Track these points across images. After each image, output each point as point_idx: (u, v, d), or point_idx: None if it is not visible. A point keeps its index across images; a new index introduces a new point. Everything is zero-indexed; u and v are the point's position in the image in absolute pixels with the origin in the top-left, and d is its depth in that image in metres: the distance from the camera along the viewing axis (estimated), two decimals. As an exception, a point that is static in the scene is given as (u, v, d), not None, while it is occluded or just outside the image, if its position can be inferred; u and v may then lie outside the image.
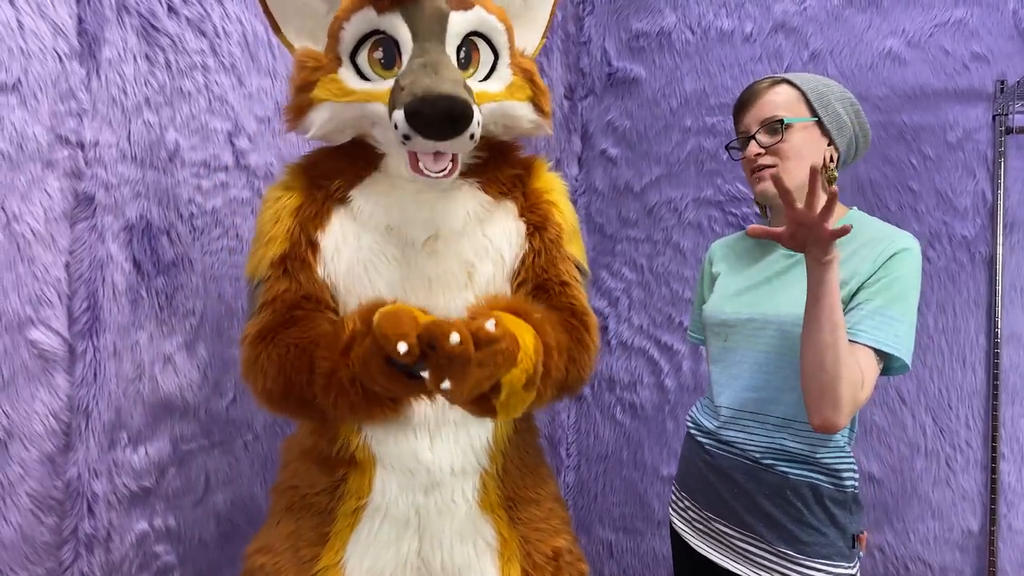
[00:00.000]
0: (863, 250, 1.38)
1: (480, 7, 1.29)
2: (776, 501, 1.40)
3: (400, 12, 1.24)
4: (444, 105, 1.14)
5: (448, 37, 1.26)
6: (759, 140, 1.44)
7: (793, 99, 1.44)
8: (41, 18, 1.37)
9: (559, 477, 2.60)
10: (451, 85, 1.17)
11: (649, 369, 2.51)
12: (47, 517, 1.43)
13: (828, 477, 1.39)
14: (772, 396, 1.41)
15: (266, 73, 1.86)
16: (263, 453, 1.91)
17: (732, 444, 1.46)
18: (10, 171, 1.33)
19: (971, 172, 2.11)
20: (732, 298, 1.51)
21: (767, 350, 1.42)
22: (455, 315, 1.30)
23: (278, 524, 1.43)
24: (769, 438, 1.41)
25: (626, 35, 2.53)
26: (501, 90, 1.33)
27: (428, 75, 1.19)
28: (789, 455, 1.40)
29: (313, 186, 1.37)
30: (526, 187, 1.42)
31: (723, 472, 1.47)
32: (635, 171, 2.52)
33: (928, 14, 2.15)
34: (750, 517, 1.42)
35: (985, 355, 2.11)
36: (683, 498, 1.59)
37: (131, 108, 1.54)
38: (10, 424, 1.35)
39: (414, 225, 1.33)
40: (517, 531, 1.42)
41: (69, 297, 1.44)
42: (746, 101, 1.49)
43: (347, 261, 1.33)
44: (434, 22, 1.25)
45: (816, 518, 1.38)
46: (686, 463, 1.60)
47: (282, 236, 1.33)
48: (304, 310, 1.32)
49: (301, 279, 1.32)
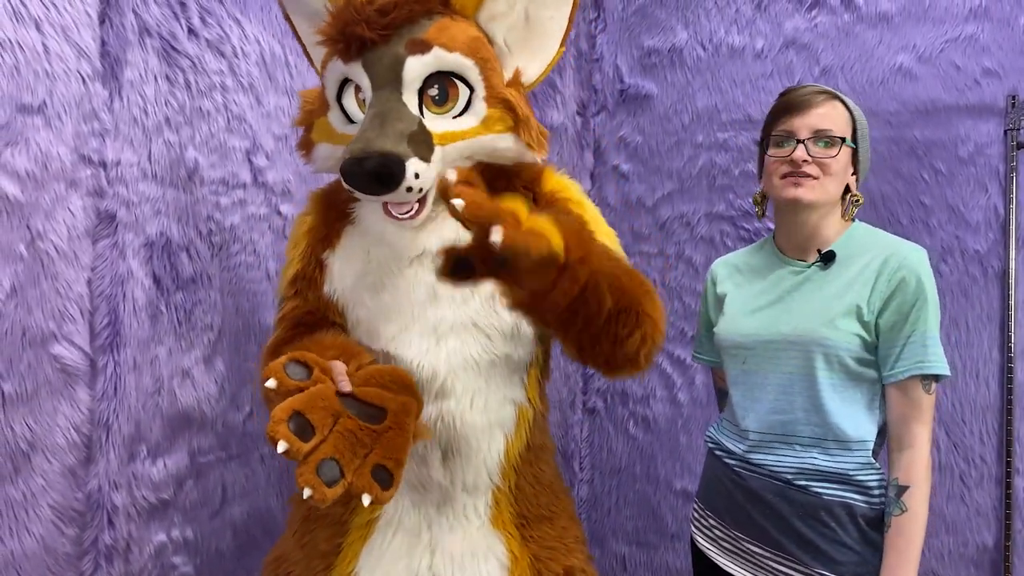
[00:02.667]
0: (874, 264, 1.39)
1: (439, 48, 1.28)
2: (809, 522, 1.38)
3: (361, 60, 1.28)
4: (371, 165, 1.17)
5: (405, 84, 1.27)
6: (808, 148, 1.40)
7: (844, 120, 1.44)
8: (65, 41, 1.41)
9: (572, 491, 2.61)
10: (391, 141, 1.19)
11: (662, 383, 2.52)
12: (68, 528, 1.46)
13: (862, 496, 1.38)
14: (799, 417, 1.40)
15: (283, 92, 1.89)
16: (280, 466, 1.93)
17: (762, 466, 1.44)
18: (35, 190, 1.36)
19: (983, 187, 2.11)
20: (746, 319, 1.50)
21: (790, 371, 1.41)
22: (462, 324, 1.33)
23: (294, 534, 1.46)
24: (799, 458, 1.40)
25: (638, 52, 2.56)
26: (474, 125, 1.33)
27: (373, 128, 1.21)
28: (822, 474, 1.38)
29: (328, 208, 1.45)
30: (537, 194, 1.43)
31: (754, 493, 1.45)
32: (647, 186, 2.54)
33: (939, 30, 2.16)
34: (783, 538, 1.40)
35: (999, 369, 2.10)
36: (708, 516, 1.56)
37: (152, 128, 1.58)
38: (33, 437, 1.38)
39: (418, 241, 1.35)
40: (528, 549, 1.42)
41: (91, 313, 1.48)
42: (799, 105, 1.43)
43: (353, 277, 1.38)
44: (389, 70, 1.26)
45: (851, 537, 1.37)
46: (711, 482, 1.58)
47: (297, 258, 1.42)
48: (306, 325, 1.39)
49: (308, 296, 1.41)
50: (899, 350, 1.35)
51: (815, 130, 1.41)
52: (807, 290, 1.44)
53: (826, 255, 1.44)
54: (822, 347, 1.37)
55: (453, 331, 1.33)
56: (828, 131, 1.40)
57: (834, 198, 1.44)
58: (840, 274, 1.42)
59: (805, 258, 1.48)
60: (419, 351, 1.33)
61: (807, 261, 1.47)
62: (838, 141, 1.40)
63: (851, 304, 1.37)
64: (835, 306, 1.38)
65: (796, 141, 1.41)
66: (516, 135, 1.35)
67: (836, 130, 1.41)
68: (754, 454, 1.45)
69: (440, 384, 1.32)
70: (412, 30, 1.27)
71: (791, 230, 1.49)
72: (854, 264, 1.41)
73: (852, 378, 1.39)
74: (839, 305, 1.38)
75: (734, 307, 1.54)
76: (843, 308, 1.37)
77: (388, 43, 1.26)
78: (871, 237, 1.45)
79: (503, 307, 1.19)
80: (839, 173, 1.42)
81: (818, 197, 1.41)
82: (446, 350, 1.33)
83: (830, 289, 1.41)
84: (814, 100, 1.43)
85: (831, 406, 1.38)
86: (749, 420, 1.47)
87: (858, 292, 1.38)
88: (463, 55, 1.30)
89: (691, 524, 1.63)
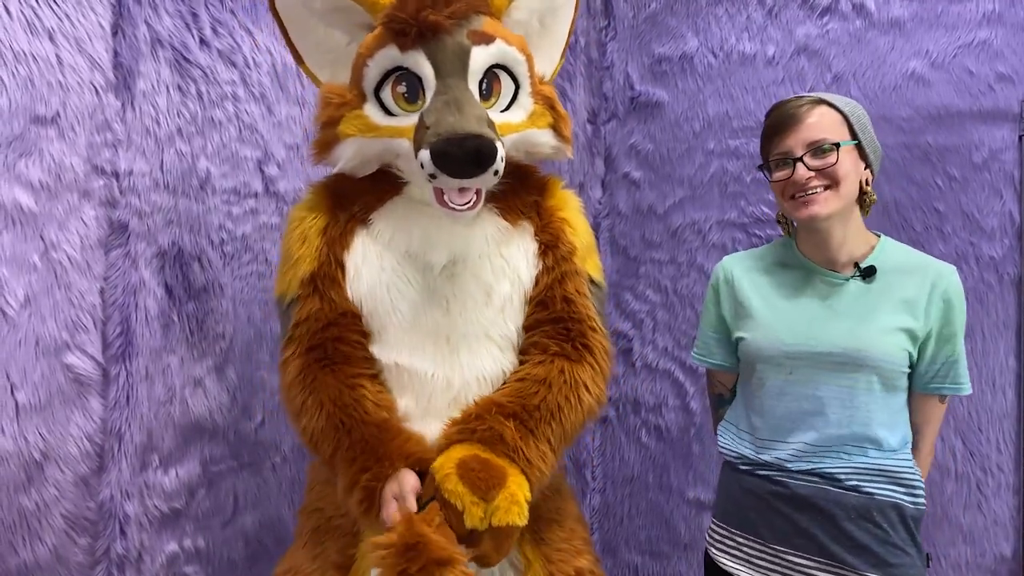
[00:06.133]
0: (923, 288, 1.41)
1: (501, 40, 1.31)
2: (862, 524, 1.38)
3: (423, 49, 1.27)
4: (471, 145, 1.18)
5: (470, 73, 1.29)
6: (807, 163, 1.39)
7: (836, 122, 1.42)
8: (79, 53, 1.42)
9: (584, 500, 2.60)
10: (475, 123, 1.21)
11: (674, 391, 2.50)
12: (81, 537, 1.46)
13: (909, 495, 1.39)
14: (850, 428, 1.40)
15: (295, 102, 1.90)
16: (291, 475, 1.93)
17: (810, 472, 1.42)
18: (48, 201, 1.37)
19: (998, 193, 2.09)
20: (789, 329, 1.46)
21: (840, 384, 1.41)
22: (472, 335, 1.34)
23: (304, 546, 1.45)
24: (850, 462, 1.40)
25: (648, 59, 2.55)
26: (523, 119, 1.36)
27: (452, 113, 1.22)
28: (871, 472, 1.39)
29: (337, 207, 1.40)
30: (540, 207, 1.44)
31: (802, 501, 1.42)
32: (658, 193, 2.53)
33: (951, 35, 2.15)
34: (835, 545, 1.39)
35: (1015, 377, 2.08)
36: (734, 534, 1.52)
37: (164, 138, 1.59)
38: (46, 446, 1.39)
39: (433, 250, 1.35)
40: (540, 552, 1.42)
41: (103, 322, 1.48)
42: (784, 123, 1.43)
43: (368, 282, 1.36)
44: (456, 58, 1.27)
45: (900, 538, 1.38)
46: (736, 498, 1.53)
47: (311, 255, 1.36)
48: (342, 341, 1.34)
49: (333, 297, 1.35)
50: (938, 368, 1.43)
51: (808, 143, 1.40)
52: (851, 303, 1.43)
53: (867, 270, 1.44)
54: (876, 362, 1.38)
55: (466, 342, 1.34)
56: (822, 140, 1.39)
57: (849, 201, 1.42)
58: (883, 290, 1.43)
59: (837, 269, 1.47)
60: (433, 362, 1.33)
61: (840, 272, 1.46)
62: (833, 147, 1.39)
63: (903, 325, 1.40)
64: (885, 323, 1.40)
65: (793, 161, 1.41)
66: (555, 131, 1.39)
67: (830, 135, 1.40)
68: (801, 462, 1.43)
69: (454, 395, 1.33)
70: (471, 23, 1.30)
71: (817, 243, 1.47)
72: (898, 283, 1.42)
73: (892, 388, 1.42)
74: (890, 323, 1.40)
75: (768, 314, 1.50)
76: (895, 327, 1.40)
77: (452, 33, 1.27)
78: (904, 255, 1.47)
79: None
80: (847, 175, 1.40)
81: (833, 208, 1.40)
82: (460, 361, 1.34)
83: (878, 305, 1.42)
84: (799, 113, 1.42)
85: (879, 416, 1.40)
86: (797, 431, 1.44)
87: (911, 314, 1.40)
88: (518, 50, 1.34)
89: (709, 545, 1.58)
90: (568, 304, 1.38)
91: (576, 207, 1.49)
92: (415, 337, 1.34)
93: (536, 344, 1.37)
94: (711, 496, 2.39)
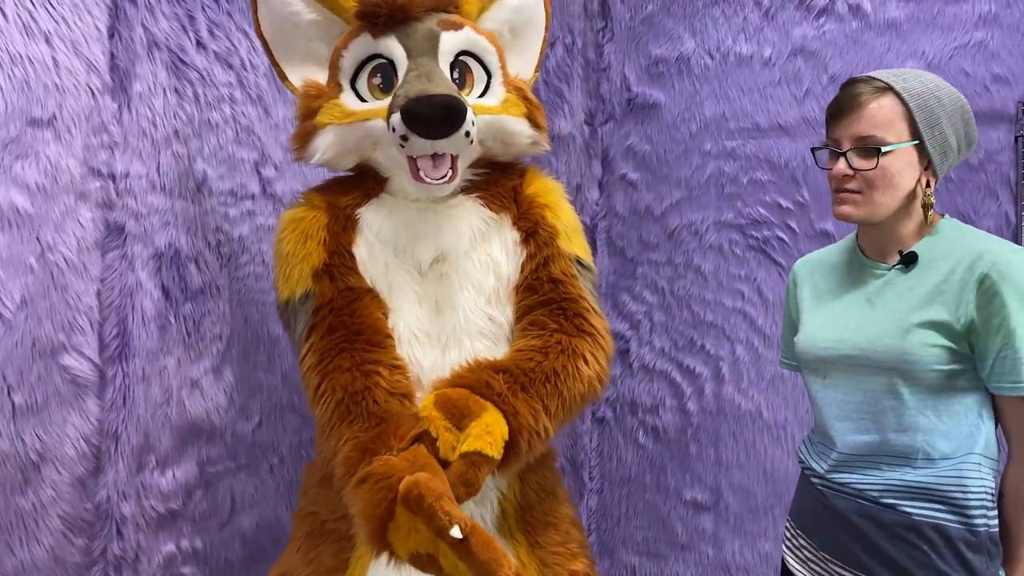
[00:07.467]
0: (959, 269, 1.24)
1: (470, 28, 1.39)
2: (899, 544, 1.26)
3: (394, 34, 1.34)
4: (439, 101, 1.22)
5: (440, 53, 1.35)
6: (851, 160, 1.27)
7: (897, 116, 1.26)
8: (75, 55, 1.42)
9: (581, 501, 2.60)
10: (444, 87, 1.27)
11: (671, 392, 2.51)
12: (77, 538, 1.46)
13: (956, 516, 1.23)
14: (886, 437, 1.28)
15: (292, 104, 1.90)
16: (288, 476, 1.93)
17: (846, 485, 1.32)
18: (45, 203, 1.38)
19: (994, 194, 2.10)
20: (823, 330, 1.38)
21: (872, 389, 1.29)
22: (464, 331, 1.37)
23: (298, 550, 1.45)
24: (886, 477, 1.28)
25: (645, 61, 2.56)
26: (496, 104, 1.40)
27: (422, 82, 1.28)
28: (911, 491, 1.26)
29: (334, 205, 1.44)
30: (519, 194, 1.47)
31: (839, 514, 1.33)
32: (655, 195, 2.53)
33: (948, 37, 2.15)
34: (872, 561, 1.28)
35: (1012, 378, 2.08)
36: (797, 535, 1.44)
37: (161, 140, 1.59)
38: (43, 448, 1.39)
39: (420, 244, 1.38)
40: (536, 555, 1.42)
41: (100, 324, 1.49)
42: (843, 108, 1.29)
43: (370, 278, 1.40)
44: (426, 40, 1.34)
45: (947, 564, 1.23)
46: (801, 500, 1.47)
47: (317, 250, 1.38)
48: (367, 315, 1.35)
49: (350, 280, 1.37)
50: (991, 363, 1.22)
51: (857, 138, 1.27)
52: (887, 297, 1.31)
53: (907, 256, 1.30)
54: (902, 363, 1.25)
55: (456, 338, 1.36)
56: (870, 138, 1.26)
57: (889, 209, 1.29)
58: (922, 280, 1.28)
59: (885, 260, 1.35)
60: (428, 359, 1.36)
61: (887, 263, 1.34)
62: (874, 153, 1.25)
63: (931, 318, 1.25)
64: (913, 318, 1.26)
65: (839, 154, 1.29)
66: (530, 120, 1.44)
67: (881, 134, 1.25)
68: (837, 473, 1.34)
69: None
70: (440, 16, 1.38)
71: (867, 232, 1.37)
72: (937, 268, 1.27)
73: (944, 391, 1.26)
74: (918, 317, 1.25)
75: (813, 316, 1.42)
76: (923, 320, 1.25)
77: (422, 20, 1.35)
78: (958, 236, 1.30)
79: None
80: (889, 181, 1.26)
81: (866, 214, 1.29)
82: (453, 358, 1.35)
83: (911, 298, 1.28)
84: (859, 100, 1.27)
85: (922, 423, 1.26)
86: (834, 439, 1.35)
87: (943, 304, 1.24)
88: (488, 41, 1.42)
89: (782, 544, 1.51)
90: (556, 284, 1.40)
91: (557, 191, 1.51)
92: (409, 335, 1.37)
93: (535, 322, 1.38)
94: (708, 497, 2.40)
